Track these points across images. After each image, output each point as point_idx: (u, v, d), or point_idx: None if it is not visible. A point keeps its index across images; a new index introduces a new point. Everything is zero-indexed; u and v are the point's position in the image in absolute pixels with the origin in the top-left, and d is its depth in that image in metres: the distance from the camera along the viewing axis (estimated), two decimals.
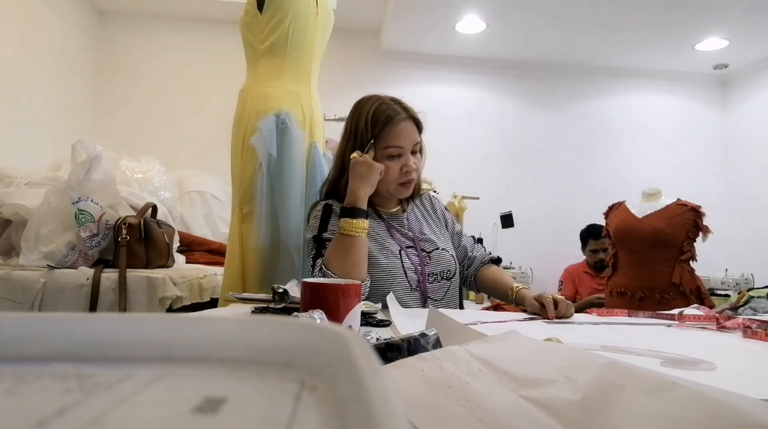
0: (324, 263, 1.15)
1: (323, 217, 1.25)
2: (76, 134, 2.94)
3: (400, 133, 1.23)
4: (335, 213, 1.25)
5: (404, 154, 1.25)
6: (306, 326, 0.25)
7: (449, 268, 1.30)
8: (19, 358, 0.23)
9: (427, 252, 1.29)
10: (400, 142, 1.23)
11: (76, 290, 1.52)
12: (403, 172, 1.25)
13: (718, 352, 0.72)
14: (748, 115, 4.15)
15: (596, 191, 3.95)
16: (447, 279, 1.30)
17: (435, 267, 1.28)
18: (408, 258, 1.26)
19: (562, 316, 1.06)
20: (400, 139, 1.23)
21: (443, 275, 1.29)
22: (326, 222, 1.24)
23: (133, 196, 2.01)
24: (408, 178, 1.26)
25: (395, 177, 1.26)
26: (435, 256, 1.29)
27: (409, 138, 1.25)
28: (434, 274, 1.28)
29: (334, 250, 1.15)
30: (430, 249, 1.30)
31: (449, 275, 1.30)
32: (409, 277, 1.24)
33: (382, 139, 1.23)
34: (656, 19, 3.37)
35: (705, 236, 2.31)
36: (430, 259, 1.28)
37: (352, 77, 3.89)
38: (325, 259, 1.16)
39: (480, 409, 0.33)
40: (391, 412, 0.15)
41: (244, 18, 1.64)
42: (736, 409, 0.28)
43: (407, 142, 1.24)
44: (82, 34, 3.47)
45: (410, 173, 1.25)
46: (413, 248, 1.28)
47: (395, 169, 1.25)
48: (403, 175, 1.26)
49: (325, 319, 0.66)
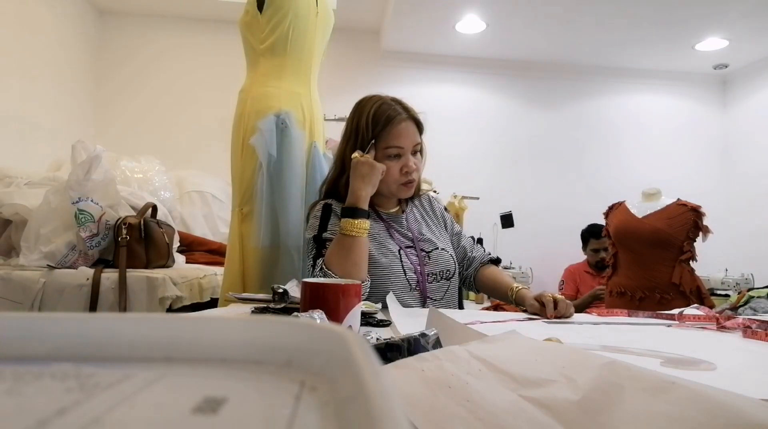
0: (324, 263, 1.15)
1: (323, 217, 1.25)
2: (76, 134, 2.94)
3: (401, 134, 1.24)
4: (335, 213, 1.25)
5: (404, 155, 1.25)
6: (306, 326, 0.25)
7: (448, 268, 1.31)
8: (19, 358, 0.23)
9: (427, 252, 1.30)
10: (401, 143, 1.24)
11: (76, 290, 1.52)
12: (403, 172, 1.25)
13: (718, 352, 0.72)
14: (748, 115, 4.15)
15: (596, 191, 3.95)
16: (446, 279, 1.30)
17: (434, 267, 1.29)
18: (407, 258, 1.26)
19: (562, 316, 1.06)
20: (400, 139, 1.24)
21: (442, 275, 1.29)
22: (326, 222, 1.24)
23: (133, 196, 2.01)
24: (408, 179, 1.26)
25: (396, 177, 1.26)
26: (434, 256, 1.30)
27: (410, 138, 1.25)
28: (433, 273, 1.28)
29: (334, 251, 1.15)
30: (429, 249, 1.30)
31: (448, 275, 1.31)
32: (409, 277, 1.24)
33: (383, 139, 1.23)
34: (656, 19, 3.37)
35: (705, 236, 2.31)
36: (430, 259, 1.29)
37: (352, 77, 3.88)
38: (325, 259, 1.16)
39: (480, 409, 0.33)
40: (391, 412, 0.15)
41: (244, 18, 1.64)
42: (736, 409, 0.28)
43: (407, 142, 1.25)
44: (82, 34, 3.47)
45: (410, 173, 1.26)
46: (412, 248, 1.29)
47: (395, 170, 1.25)
48: (403, 176, 1.26)
49: (325, 319, 0.66)
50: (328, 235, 1.21)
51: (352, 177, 1.19)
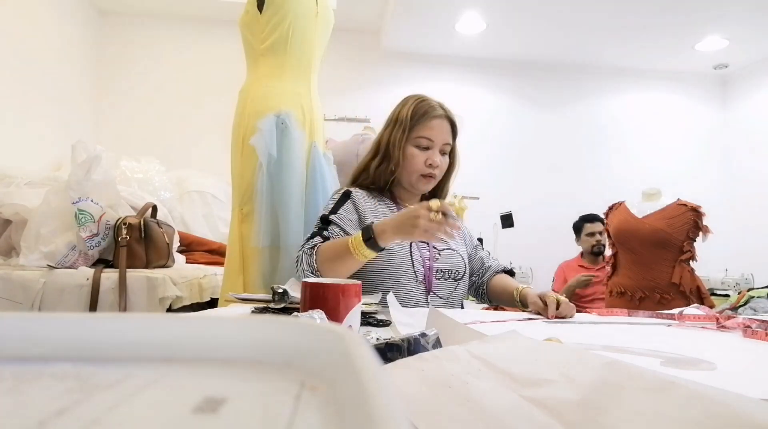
0: (319, 252, 1.16)
1: (339, 201, 1.30)
2: (76, 134, 2.94)
3: (434, 127, 1.30)
4: (351, 199, 1.30)
5: (433, 149, 1.31)
6: (306, 326, 0.25)
7: (457, 269, 1.33)
8: (19, 358, 0.23)
9: (438, 250, 1.32)
10: (431, 135, 1.30)
11: (76, 290, 1.52)
12: (426, 164, 1.30)
13: (718, 352, 0.72)
14: (748, 115, 4.15)
15: (596, 191, 3.95)
16: (454, 279, 1.32)
17: (443, 264, 1.31)
18: (418, 250, 1.29)
19: (564, 317, 1.06)
20: (432, 131, 1.30)
21: (451, 274, 1.32)
22: (339, 206, 1.28)
23: (133, 196, 2.01)
24: (429, 172, 1.31)
25: (419, 167, 1.30)
26: (445, 255, 1.32)
27: (441, 135, 1.31)
28: (442, 271, 1.30)
29: (331, 250, 1.15)
30: (441, 247, 1.33)
31: (457, 276, 1.33)
32: (416, 269, 1.26)
33: (416, 129, 1.30)
34: (656, 19, 3.37)
35: (705, 236, 2.31)
36: (440, 256, 1.31)
37: (352, 77, 3.89)
38: (321, 248, 1.16)
39: (480, 409, 0.33)
40: (391, 412, 0.15)
41: (244, 18, 1.64)
42: (736, 409, 0.28)
43: (438, 137, 1.30)
44: (82, 34, 3.47)
45: (433, 167, 1.30)
46: (425, 243, 1.31)
47: (420, 159, 1.30)
48: (426, 167, 1.30)
49: (325, 319, 0.66)
50: (335, 219, 1.25)
51: (401, 213, 1.10)
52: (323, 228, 1.23)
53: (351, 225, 1.25)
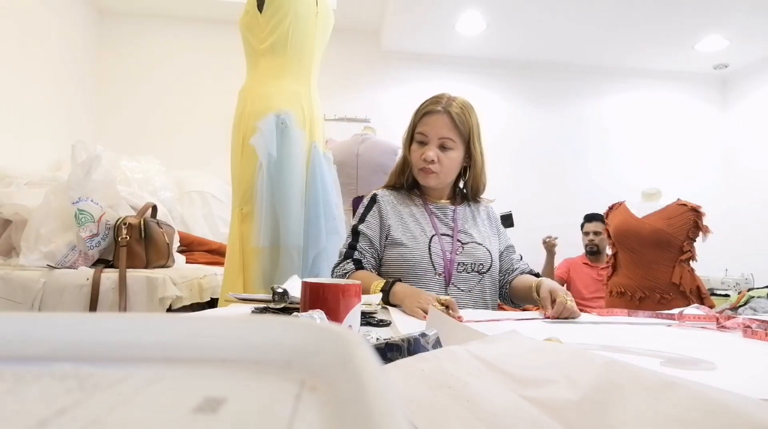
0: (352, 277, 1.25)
1: (367, 207, 1.37)
2: (76, 134, 2.94)
3: (428, 123, 1.34)
4: (377, 203, 1.36)
5: (428, 143, 1.33)
6: (306, 326, 0.25)
7: (482, 262, 1.33)
8: (19, 358, 0.23)
9: (462, 243, 1.33)
10: (425, 130, 1.33)
11: (76, 290, 1.52)
12: (421, 158, 1.33)
13: (718, 352, 0.72)
14: (748, 115, 4.15)
15: (596, 191, 3.95)
16: (478, 272, 1.32)
17: (466, 257, 1.31)
18: (439, 243, 1.31)
19: (566, 317, 1.06)
20: (425, 127, 1.33)
21: (474, 267, 1.32)
22: (366, 213, 1.35)
23: (133, 196, 2.01)
24: (424, 166, 1.33)
25: (416, 162, 1.35)
26: (468, 248, 1.33)
27: (435, 129, 1.32)
28: (464, 264, 1.31)
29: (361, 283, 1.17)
30: (465, 241, 1.34)
31: (481, 269, 1.33)
32: (434, 262, 1.28)
33: (417, 126, 1.36)
34: (656, 19, 3.37)
35: (705, 236, 2.31)
36: (463, 250, 1.33)
37: (352, 77, 3.88)
38: (354, 277, 1.25)
39: (480, 409, 0.33)
40: (391, 412, 0.15)
41: (244, 18, 1.64)
42: (736, 409, 0.28)
43: (431, 131, 1.33)
44: (82, 34, 3.47)
45: (427, 162, 1.32)
46: (449, 237, 1.33)
47: (417, 154, 1.34)
48: (421, 162, 1.33)
49: (325, 319, 0.66)
50: (363, 229, 1.32)
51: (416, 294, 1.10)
52: (353, 245, 1.31)
53: (375, 232, 1.33)
